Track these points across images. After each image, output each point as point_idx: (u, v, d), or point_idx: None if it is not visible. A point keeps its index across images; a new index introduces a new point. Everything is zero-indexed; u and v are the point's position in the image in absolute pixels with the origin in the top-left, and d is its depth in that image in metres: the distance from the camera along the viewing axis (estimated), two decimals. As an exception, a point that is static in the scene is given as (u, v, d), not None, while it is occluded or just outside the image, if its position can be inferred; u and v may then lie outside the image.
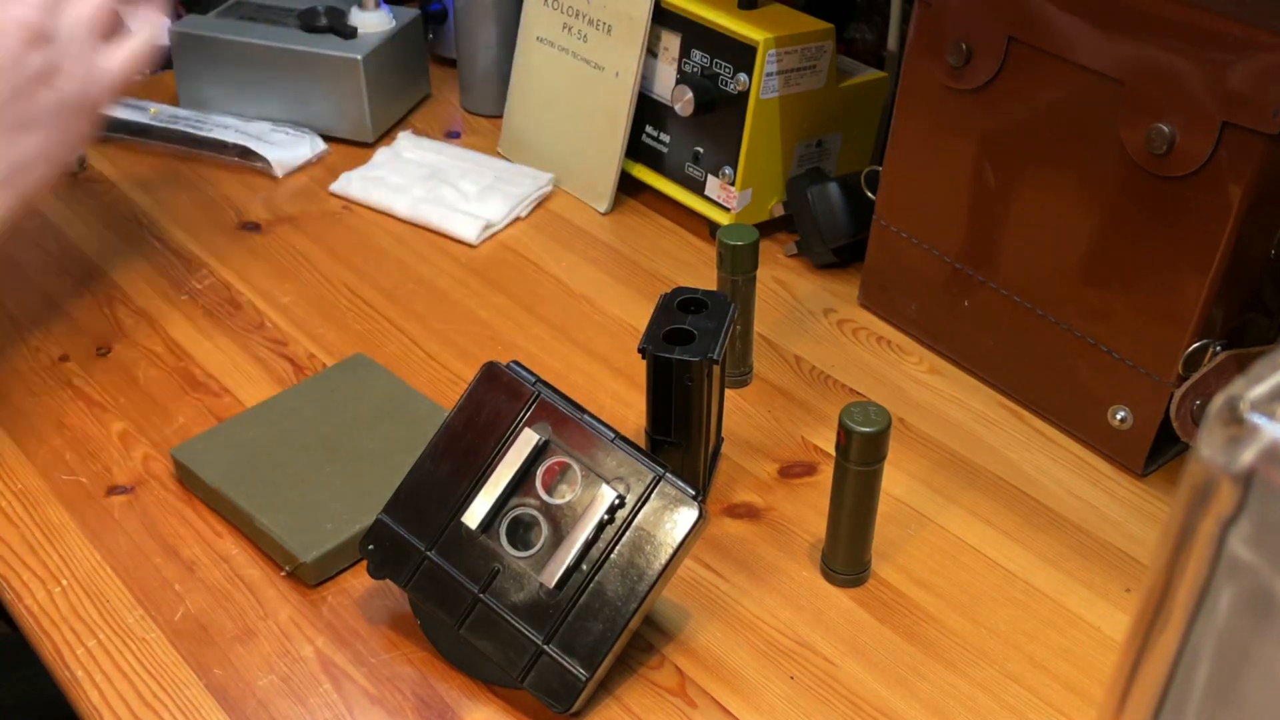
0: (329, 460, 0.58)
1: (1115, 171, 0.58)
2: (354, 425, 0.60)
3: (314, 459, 0.58)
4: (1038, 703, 0.50)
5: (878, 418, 0.50)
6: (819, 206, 0.75)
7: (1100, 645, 0.53)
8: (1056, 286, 0.63)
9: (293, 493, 0.56)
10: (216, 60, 0.89)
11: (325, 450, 0.58)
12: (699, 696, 0.50)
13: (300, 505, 0.55)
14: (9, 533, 0.56)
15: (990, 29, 0.61)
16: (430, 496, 0.50)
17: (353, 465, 0.57)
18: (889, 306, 0.73)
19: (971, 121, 0.64)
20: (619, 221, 0.83)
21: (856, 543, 0.54)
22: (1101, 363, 0.61)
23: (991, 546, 0.57)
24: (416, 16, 0.94)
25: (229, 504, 0.56)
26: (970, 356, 0.69)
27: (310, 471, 0.57)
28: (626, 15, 0.79)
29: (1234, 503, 0.27)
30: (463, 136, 0.93)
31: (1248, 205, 0.54)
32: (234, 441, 0.59)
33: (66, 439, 0.62)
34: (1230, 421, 0.27)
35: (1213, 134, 0.53)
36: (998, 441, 0.64)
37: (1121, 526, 0.59)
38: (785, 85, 0.75)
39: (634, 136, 0.83)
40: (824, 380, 0.68)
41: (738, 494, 0.60)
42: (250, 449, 0.58)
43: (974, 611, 0.54)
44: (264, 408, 0.61)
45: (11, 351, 0.67)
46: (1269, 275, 0.58)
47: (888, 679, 0.51)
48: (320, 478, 0.57)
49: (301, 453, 0.58)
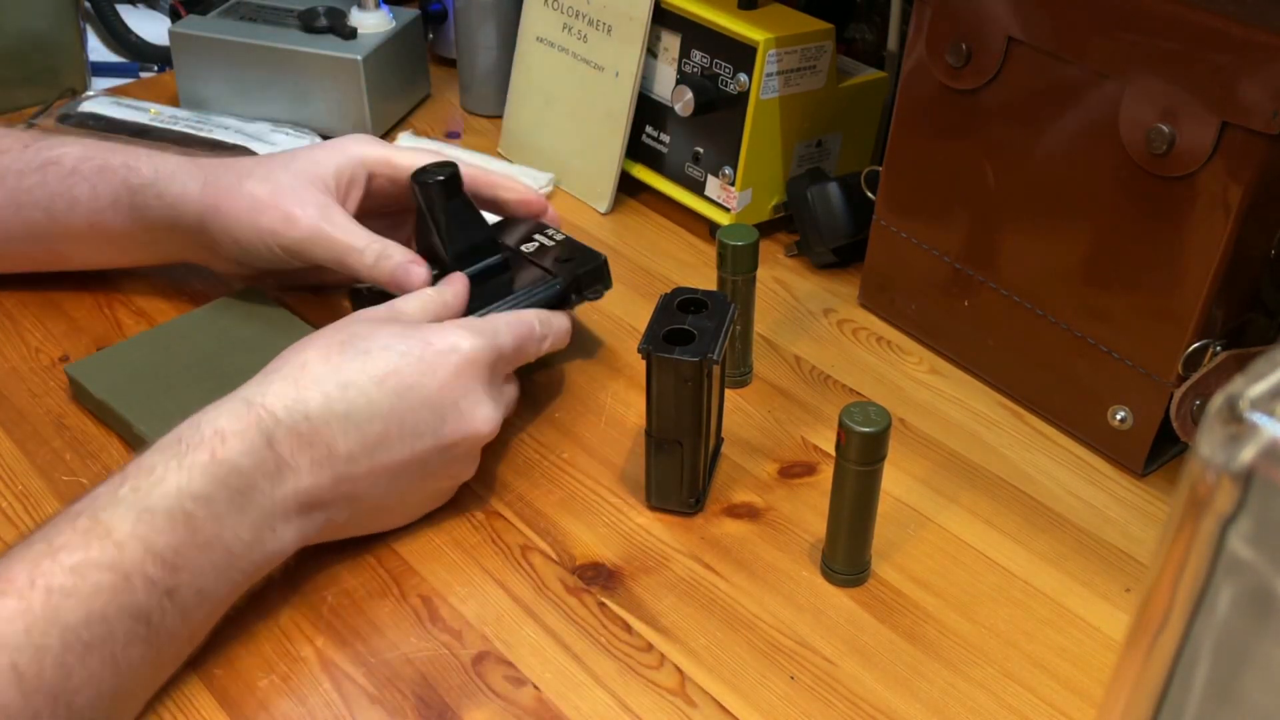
0: (210, 377, 0.62)
1: (1115, 171, 0.58)
2: (239, 347, 0.65)
3: (196, 376, 0.62)
4: (1037, 702, 0.50)
5: (878, 418, 0.50)
6: (819, 206, 0.75)
7: (1100, 645, 0.53)
8: (1056, 286, 0.63)
9: (173, 404, 0.58)
10: (216, 60, 0.89)
11: (208, 369, 0.63)
12: (699, 696, 0.50)
13: (179, 416, 0.58)
14: (9, 533, 0.56)
15: (990, 29, 0.61)
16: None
17: (233, 381, 0.60)
18: (889, 306, 0.73)
19: (971, 121, 0.64)
20: (619, 221, 0.83)
21: (856, 543, 0.54)
22: (1101, 363, 0.61)
23: (991, 546, 0.57)
24: (416, 16, 0.94)
25: (113, 414, 0.61)
26: (970, 356, 0.69)
27: (192, 387, 0.61)
28: (626, 15, 0.79)
29: (1234, 501, 0.27)
30: (463, 136, 0.93)
31: (1248, 205, 0.54)
32: (124, 361, 0.64)
33: (66, 439, 0.62)
34: (1230, 420, 0.27)
35: (1213, 134, 0.53)
36: (998, 441, 0.64)
37: (1121, 526, 0.59)
38: (785, 85, 0.75)
39: (634, 136, 0.83)
40: (824, 380, 0.68)
41: (738, 494, 0.60)
42: (138, 367, 0.63)
43: (974, 611, 0.54)
44: (156, 332, 0.66)
45: (11, 351, 0.67)
46: (1269, 275, 0.58)
47: (887, 679, 0.51)
48: (201, 392, 0.59)
49: (186, 370, 0.63)
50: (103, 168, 0.66)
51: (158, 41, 1.03)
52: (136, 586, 0.44)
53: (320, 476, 0.50)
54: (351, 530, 0.54)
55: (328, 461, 0.50)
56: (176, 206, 0.65)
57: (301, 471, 0.50)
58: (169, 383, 0.62)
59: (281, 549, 0.50)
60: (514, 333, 0.58)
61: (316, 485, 0.50)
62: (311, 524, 0.51)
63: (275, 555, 0.50)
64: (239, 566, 0.48)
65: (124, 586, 0.44)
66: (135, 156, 0.66)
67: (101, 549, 0.44)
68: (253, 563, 0.49)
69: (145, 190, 0.65)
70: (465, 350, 0.54)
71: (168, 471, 0.46)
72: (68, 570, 0.43)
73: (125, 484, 0.46)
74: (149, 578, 0.44)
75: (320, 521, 0.52)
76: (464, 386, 0.54)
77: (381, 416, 0.51)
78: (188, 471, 0.47)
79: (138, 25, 1.04)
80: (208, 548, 0.46)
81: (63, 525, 0.45)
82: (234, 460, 0.48)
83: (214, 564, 0.47)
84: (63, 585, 0.42)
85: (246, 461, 0.48)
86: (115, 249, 0.69)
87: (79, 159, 0.66)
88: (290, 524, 0.50)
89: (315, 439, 0.50)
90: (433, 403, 0.53)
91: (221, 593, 0.48)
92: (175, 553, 0.45)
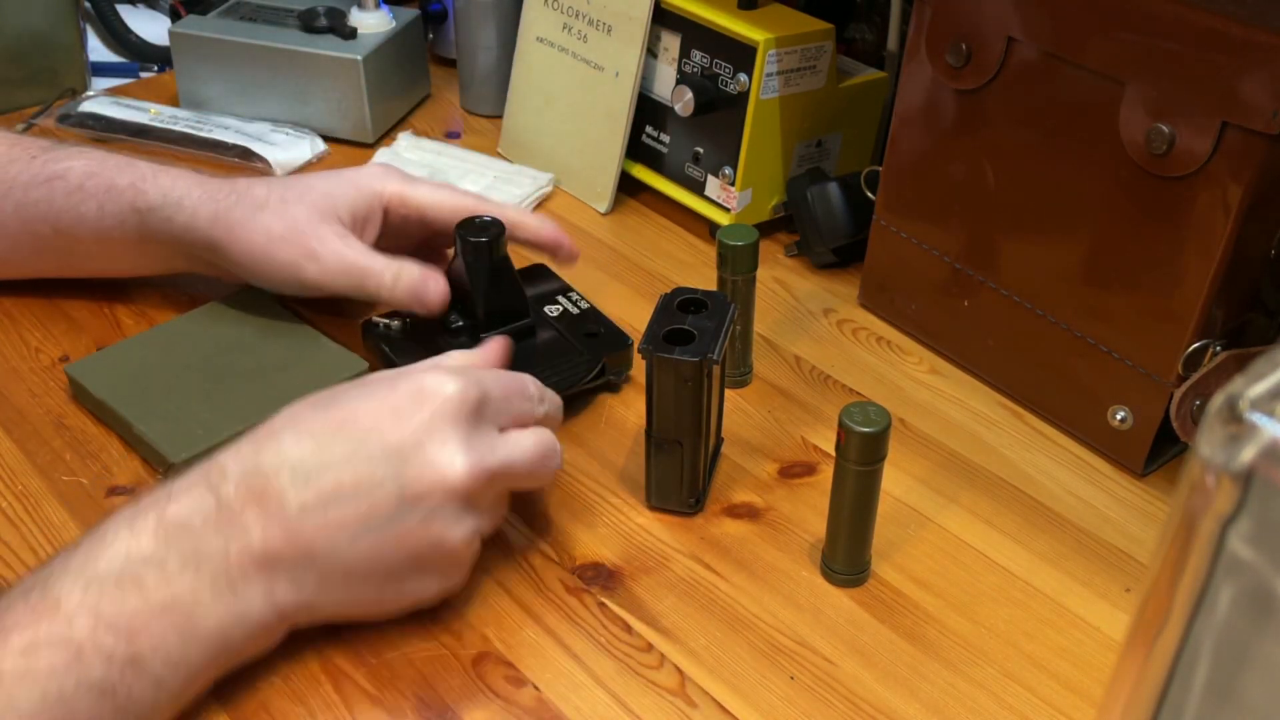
0: (208, 377, 0.63)
1: (1115, 171, 0.58)
2: (237, 348, 0.65)
3: (195, 376, 0.63)
4: (1037, 702, 0.50)
5: (878, 418, 0.50)
6: (819, 206, 0.75)
7: (1100, 645, 0.53)
8: (1056, 286, 0.63)
9: (171, 404, 0.61)
10: (216, 60, 0.89)
11: (206, 368, 0.63)
12: (699, 696, 0.50)
13: (177, 415, 0.60)
14: (9, 533, 0.56)
15: (990, 29, 0.61)
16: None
17: (230, 382, 0.62)
18: (889, 306, 0.73)
19: (971, 121, 0.64)
20: (619, 221, 0.83)
21: (856, 543, 0.54)
22: (1101, 363, 0.61)
23: (991, 546, 0.57)
24: (416, 16, 0.94)
25: (113, 414, 0.61)
26: (970, 356, 0.69)
27: (190, 386, 0.62)
28: (626, 15, 0.79)
29: (1233, 501, 0.27)
30: (463, 137, 0.93)
31: (1248, 205, 0.54)
32: (124, 361, 0.64)
33: (66, 439, 0.62)
34: (1230, 420, 0.27)
35: (1213, 134, 0.53)
36: (998, 441, 0.64)
37: (1121, 526, 0.59)
38: (785, 85, 0.75)
39: (634, 137, 0.83)
40: (824, 380, 0.68)
41: (738, 494, 0.60)
42: (136, 367, 0.63)
43: (974, 611, 0.54)
44: (155, 332, 0.66)
45: (11, 351, 0.67)
46: (1269, 275, 0.58)
47: (887, 679, 0.51)
48: (199, 392, 0.61)
49: (184, 370, 0.63)
50: (110, 187, 0.65)
51: (158, 41, 1.03)
52: (91, 661, 0.42)
53: (270, 530, 0.46)
54: (331, 610, 0.50)
55: (279, 515, 0.46)
56: (186, 233, 0.64)
57: (251, 526, 0.46)
58: (169, 383, 0.62)
59: (255, 614, 0.46)
60: (502, 384, 0.52)
61: (267, 540, 0.46)
62: (279, 589, 0.47)
63: (250, 622, 0.46)
64: (206, 629, 0.45)
65: (77, 662, 0.41)
66: (142, 177, 0.65)
67: (50, 624, 0.42)
68: (221, 626, 0.45)
69: (153, 214, 0.64)
70: (434, 389, 0.48)
71: (117, 537, 0.45)
72: (18, 652, 0.41)
73: (78, 553, 0.44)
74: (103, 649, 0.42)
75: (287, 587, 0.47)
76: (432, 429, 0.48)
77: (334, 464, 0.47)
78: (137, 535, 0.45)
79: (138, 25, 1.04)
80: (166, 611, 0.44)
81: (16, 601, 0.43)
82: (182, 518, 0.45)
83: (176, 627, 0.44)
84: (14, 669, 0.40)
85: (195, 519, 0.45)
86: (124, 263, 0.69)
87: (85, 175, 0.65)
88: (252, 584, 0.46)
89: (266, 491, 0.46)
90: (392, 447, 0.47)
91: (194, 659, 0.45)
92: (130, 619, 0.43)
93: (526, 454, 0.51)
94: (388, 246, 0.65)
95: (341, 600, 0.49)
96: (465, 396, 0.49)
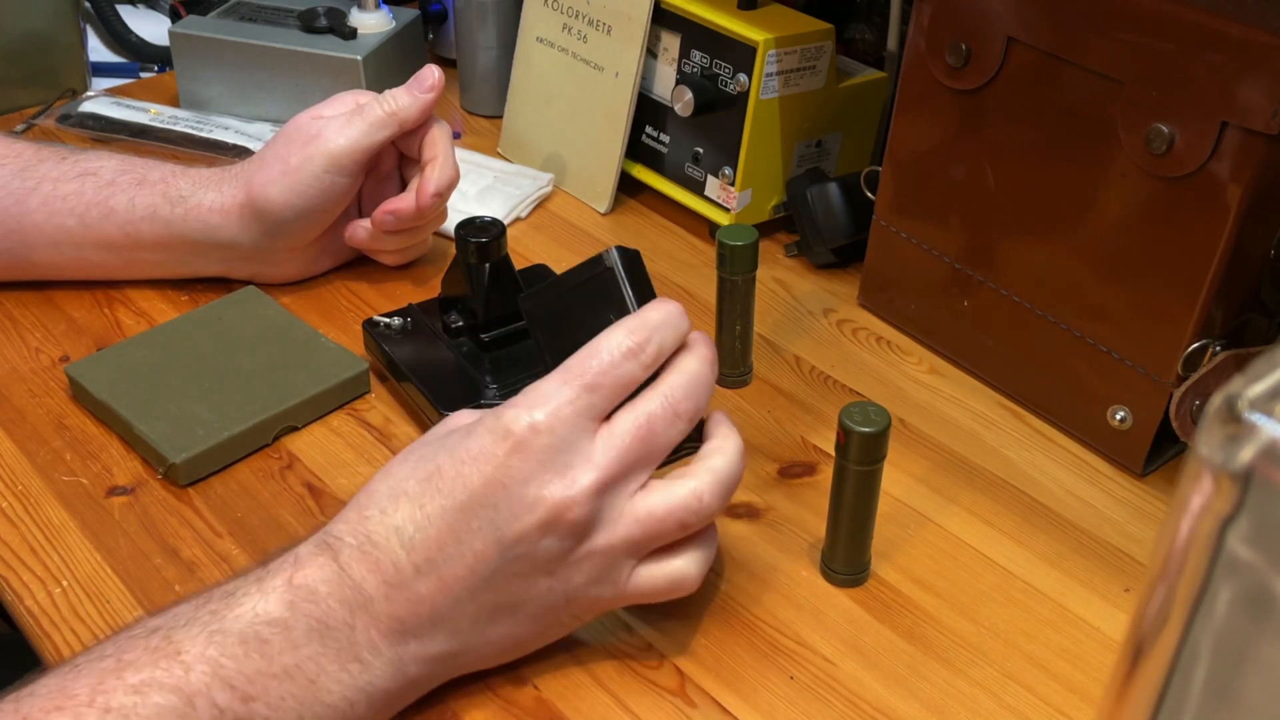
0: (209, 377, 0.63)
1: (1115, 171, 0.58)
2: (236, 348, 0.65)
3: (195, 376, 0.63)
4: (1037, 702, 0.50)
5: (878, 418, 0.50)
6: (819, 206, 0.75)
7: (1100, 645, 0.53)
8: (1056, 286, 0.63)
9: (171, 404, 0.61)
10: (216, 61, 0.89)
11: (206, 369, 0.63)
12: (699, 696, 0.50)
13: (176, 414, 0.61)
14: (9, 533, 0.56)
15: (990, 29, 0.61)
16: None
17: (230, 382, 0.63)
18: (889, 306, 0.73)
19: (971, 121, 0.64)
20: (619, 222, 0.83)
21: (856, 543, 0.54)
22: (1101, 363, 0.61)
23: (991, 546, 0.57)
24: (416, 17, 0.94)
25: (113, 414, 0.61)
26: (970, 356, 0.69)
27: (190, 386, 0.62)
28: (626, 15, 0.79)
29: (1233, 502, 0.27)
30: (463, 137, 0.93)
31: (1248, 205, 0.54)
32: (123, 361, 0.64)
33: (66, 439, 0.62)
34: (1229, 420, 0.27)
35: (1213, 134, 0.53)
36: (998, 441, 0.64)
37: (1121, 526, 0.59)
38: (785, 85, 0.75)
39: (634, 137, 0.83)
40: (824, 380, 0.68)
41: (738, 494, 0.60)
42: (137, 367, 0.63)
43: (974, 611, 0.54)
44: (155, 332, 0.66)
45: (11, 351, 0.67)
46: (1269, 275, 0.58)
47: (887, 679, 0.51)
48: (199, 392, 0.62)
49: (184, 370, 0.63)
50: (141, 181, 0.68)
51: (158, 41, 1.03)
52: (200, 712, 0.40)
53: (395, 598, 0.45)
54: (478, 663, 0.48)
55: (397, 582, 0.45)
56: (213, 213, 0.68)
57: (376, 596, 0.45)
58: (169, 383, 0.62)
59: (381, 684, 0.45)
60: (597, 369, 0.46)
61: (393, 608, 0.45)
62: (409, 653, 0.45)
63: (376, 692, 0.45)
64: (329, 699, 0.44)
65: (186, 711, 0.40)
66: (173, 172, 0.69)
67: (168, 669, 0.41)
68: (346, 699, 0.44)
69: (183, 202, 0.68)
70: (507, 427, 0.45)
71: (246, 595, 0.43)
72: (130, 689, 0.40)
73: (207, 605, 0.43)
74: (217, 703, 0.41)
75: (417, 650, 0.46)
76: (518, 467, 0.45)
77: (433, 521, 0.45)
78: (265, 595, 0.43)
79: (138, 25, 1.04)
80: (286, 677, 0.42)
81: (136, 640, 0.42)
82: (310, 585, 0.44)
83: (295, 695, 0.43)
84: (122, 705, 0.39)
85: (323, 587, 0.44)
86: (145, 262, 0.70)
87: (118, 171, 0.68)
88: (380, 654, 0.45)
89: (381, 560, 0.45)
90: (479, 496, 0.45)
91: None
92: (248, 680, 0.42)
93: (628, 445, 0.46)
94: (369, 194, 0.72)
95: (494, 641, 0.47)
96: (545, 422, 0.45)
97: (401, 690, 0.46)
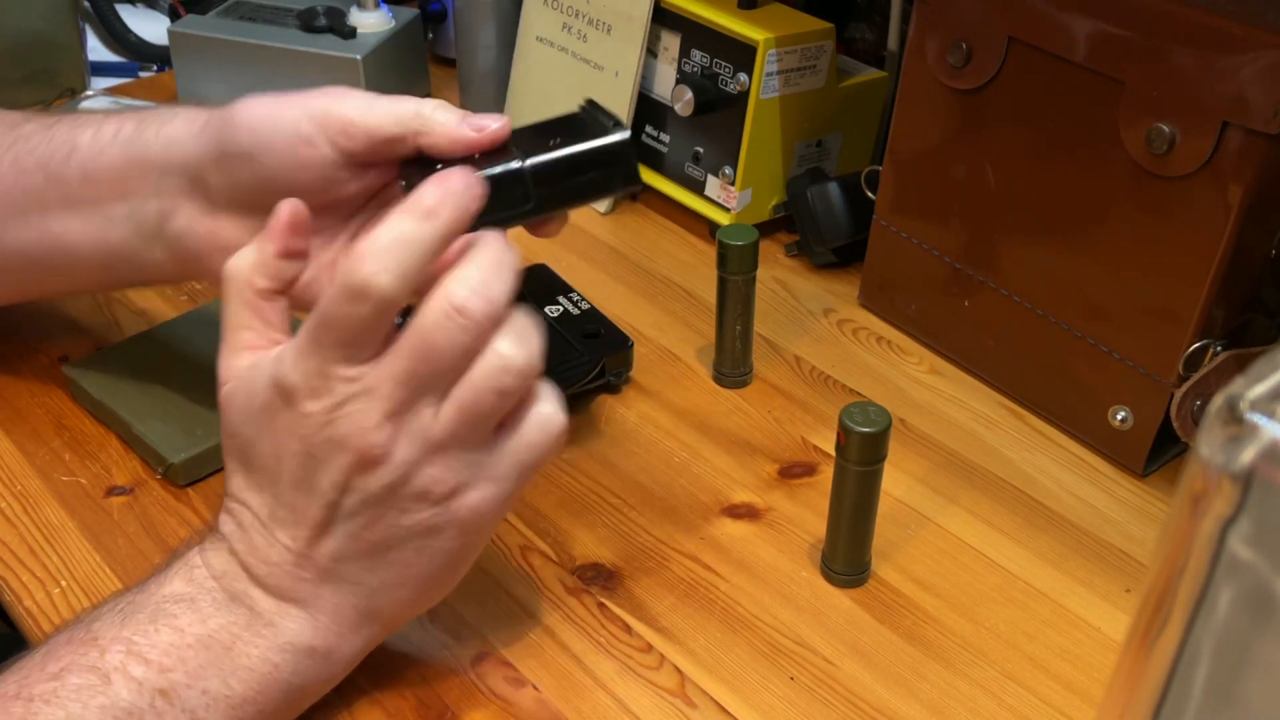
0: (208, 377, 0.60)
1: (1115, 171, 0.58)
2: None
3: (194, 376, 0.62)
4: (1038, 703, 0.50)
5: (878, 418, 0.50)
6: (819, 206, 0.75)
7: (1100, 645, 0.53)
8: (1057, 286, 0.63)
9: (169, 404, 0.61)
10: (216, 60, 0.89)
11: (206, 369, 0.62)
12: (699, 696, 0.50)
13: (175, 415, 0.61)
14: (8, 533, 0.56)
15: (990, 29, 0.61)
16: None
17: None
18: (889, 306, 0.73)
19: (972, 121, 0.64)
20: (619, 221, 0.83)
21: (856, 543, 0.54)
22: (1101, 363, 0.61)
23: (991, 546, 0.57)
24: (416, 16, 0.94)
25: (112, 414, 0.61)
26: (970, 356, 0.69)
27: (188, 387, 0.62)
28: (626, 15, 0.79)
29: (1233, 502, 0.27)
30: (463, 137, 0.93)
31: (1248, 205, 0.54)
32: (121, 361, 0.64)
33: (66, 440, 0.61)
34: (1230, 421, 0.27)
35: (1213, 134, 0.53)
36: (998, 441, 0.64)
37: (1121, 526, 0.59)
38: (785, 85, 0.75)
39: (634, 137, 0.83)
40: (824, 380, 0.68)
41: (738, 494, 0.60)
42: (136, 367, 0.63)
43: (974, 612, 0.54)
44: (155, 332, 0.66)
45: (11, 351, 0.67)
46: (1269, 275, 0.58)
47: (887, 679, 0.51)
48: (200, 392, 0.62)
49: (183, 370, 0.63)
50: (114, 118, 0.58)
51: (157, 41, 1.03)
52: (118, 686, 0.42)
53: (277, 574, 0.46)
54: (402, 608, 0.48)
55: (275, 560, 0.46)
56: (179, 126, 0.57)
57: (261, 574, 0.46)
58: (168, 383, 0.62)
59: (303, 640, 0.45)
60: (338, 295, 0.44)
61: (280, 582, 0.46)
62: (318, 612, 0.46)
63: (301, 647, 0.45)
64: (246, 665, 0.44)
65: (105, 686, 0.41)
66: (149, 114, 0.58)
67: (84, 653, 0.42)
68: (266, 660, 0.45)
69: (155, 118, 0.57)
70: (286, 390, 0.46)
71: (155, 581, 0.46)
72: (49, 675, 0.42)
73: (124, 597, 0.45)
74: (132, 676, 0.42)
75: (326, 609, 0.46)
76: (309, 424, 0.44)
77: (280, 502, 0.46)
78: (170, 579, 0.46)
79: (137, 25, 1.04)
80: (201, 647, 0.44)
81: (60, 637, 0.44)
82: (209, 563, 0.46)
83: (213, 662, 0.43)
84: (42, 691, 0.41)
85: (218, 564, 0.46)
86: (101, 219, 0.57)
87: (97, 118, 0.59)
88: (289, 616, 0.46)
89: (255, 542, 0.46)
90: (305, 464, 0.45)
91: (238, 692, 0.44)
92: (162, 653, 0.43)
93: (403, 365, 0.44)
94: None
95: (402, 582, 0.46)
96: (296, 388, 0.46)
97: (331, 643, 0.46)
